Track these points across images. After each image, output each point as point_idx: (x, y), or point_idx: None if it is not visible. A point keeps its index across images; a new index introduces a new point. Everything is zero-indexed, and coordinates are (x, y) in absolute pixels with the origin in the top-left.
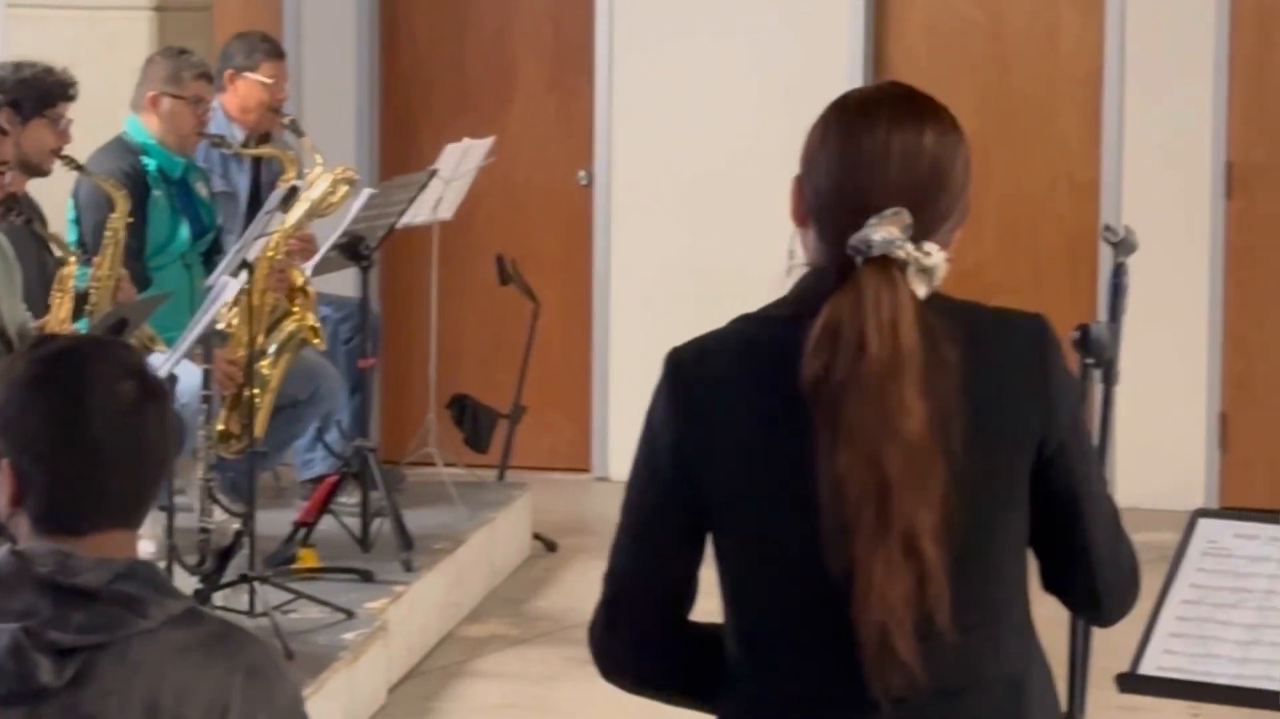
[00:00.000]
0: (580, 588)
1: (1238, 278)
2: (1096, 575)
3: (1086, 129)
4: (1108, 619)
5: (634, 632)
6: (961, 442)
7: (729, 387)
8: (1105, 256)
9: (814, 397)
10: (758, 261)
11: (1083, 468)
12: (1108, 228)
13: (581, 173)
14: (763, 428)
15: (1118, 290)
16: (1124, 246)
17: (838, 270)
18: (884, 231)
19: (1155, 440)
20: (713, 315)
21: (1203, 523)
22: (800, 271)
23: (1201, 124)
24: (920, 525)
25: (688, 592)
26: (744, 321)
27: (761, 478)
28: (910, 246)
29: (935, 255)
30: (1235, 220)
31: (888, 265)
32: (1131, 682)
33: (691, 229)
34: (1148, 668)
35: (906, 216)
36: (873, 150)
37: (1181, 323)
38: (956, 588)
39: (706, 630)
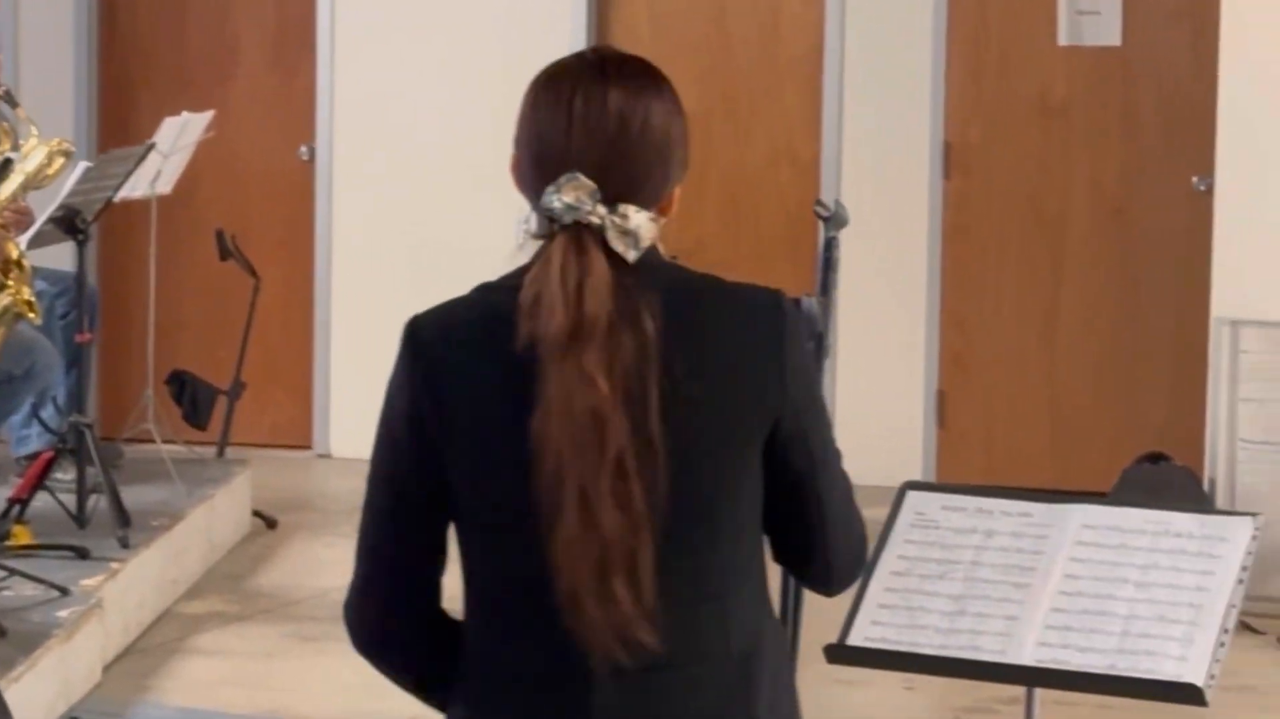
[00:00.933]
0: (300, 565)
1: (955, 257)
2: (831, 549)
3: (807, 107)
4: (836, 590)
5: (385, 607)
6: (669, 409)
7: (465, 354)
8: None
9: (528, 366)
10: (478, 236)
11: (820, 443)
12: (819, 203)
13: (303, 148)
14: (493, 396)
15: (829, 264)
16: (835, 221)
17: (545, 240)
18: (564, 198)
19: (875, 417)
20: (433, 290)
21: (911, 495)
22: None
23: (919, 103)
24: (595, 496)
25: (438, 565)
26: (482, 290)
27: (491, 447)
28: (602, 210)
29: (635, 217)
30: (953, 200)
31: (580, 232)
32: (840, 652)
33: (413, 205)
34: (856, 639)
35: (586, 182)
36: (560, 115)
37: (900, 301)
38: (679, 561)
39: (454, 623)
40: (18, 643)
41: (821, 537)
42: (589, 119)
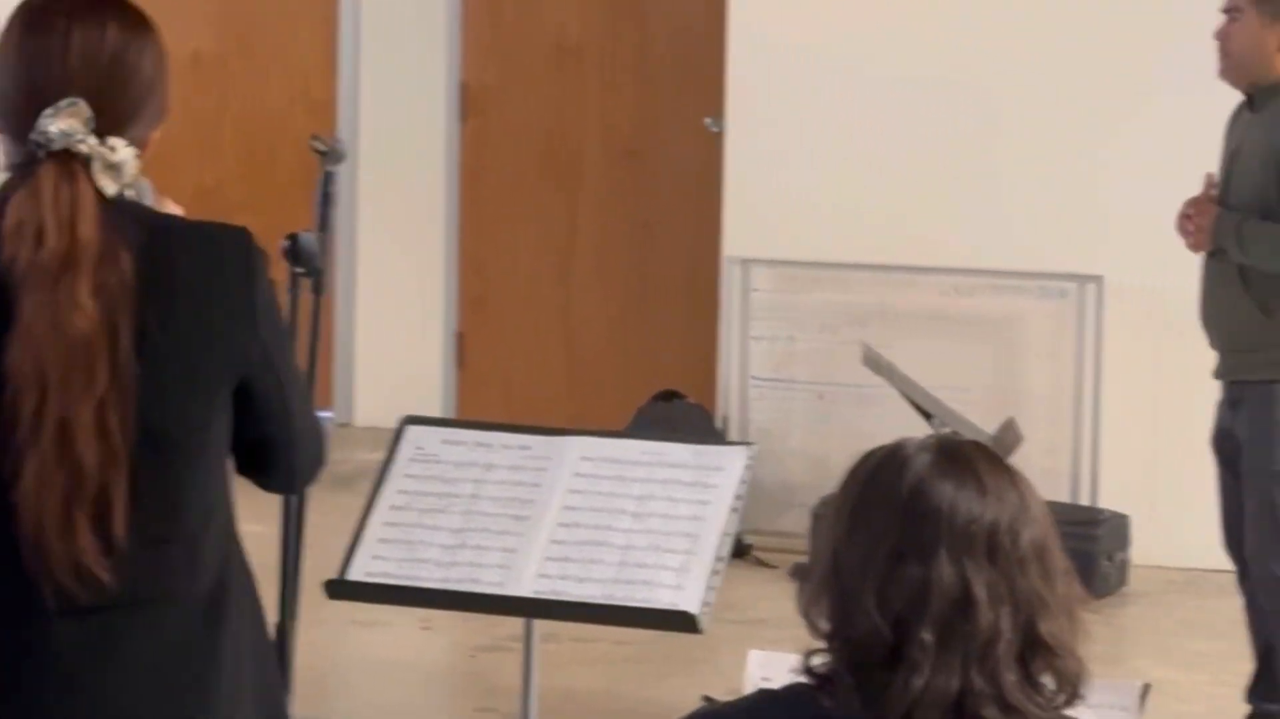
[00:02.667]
0: None
1: (473, 199)
2: (298, 459)
3: (322, 48)
4: (299, 490)
5: None
6: (142, 347)
7: None
8: (342, 176)
9: (5, 291)
10: None
11: (286, 368)
12: (316, 137)
13: None
14: None
15: (327, 200)
16: (331, 156)
17: (28, 164)
18: (61, 124)
19: (393, 359)
20: None
21: (411, 429)
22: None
23: (436, 44)
24: (77, 422)
25: None
26: None
27: None
28: (93, 140)
29: (122, 151)
30: (469, 141)
31: (69, 160)
32: (340, 588)
33: None
34: (356, 574)
35: (85, 109)
36: (51, 45)
37: (420, 243)
38: (149, 500)
39: None
40: None
41: (289, 451)
42: (86, 52)
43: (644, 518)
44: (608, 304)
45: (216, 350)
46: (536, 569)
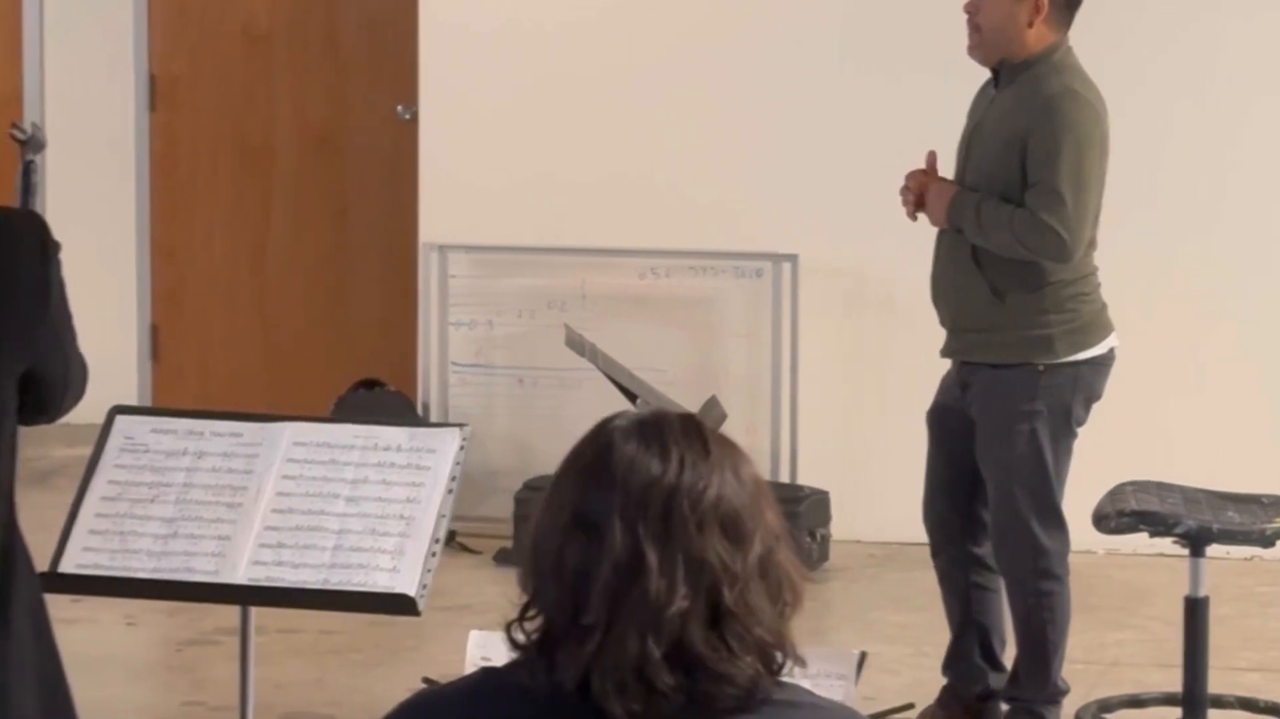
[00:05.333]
0: None
1: (164, 189)
2: (67, 399)
3: (6, 39)
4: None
5: None
6: None
7: None
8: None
9: None
10: None
11: (67, 336)
12: (15, 125)
13: None
14: None
15: (28, 189)
16: (33, 144)
17: None
18: None
19: (88, 353)
20: None
21: (120, 419)
22: None
23: (123, 35)
24: None
25: None
26: None
27: None
28: None
29: None
30: (159, 131)
31: None
32: (52, 581)
33: None
34: (67, 566)
35: None
36: None
37: (110, 235)
38: None
39: None
40: None
41: (61, 395)
42: None
43: (358, 501)
44: (304, 293)
45: (13, 335)
46: (251, 556)
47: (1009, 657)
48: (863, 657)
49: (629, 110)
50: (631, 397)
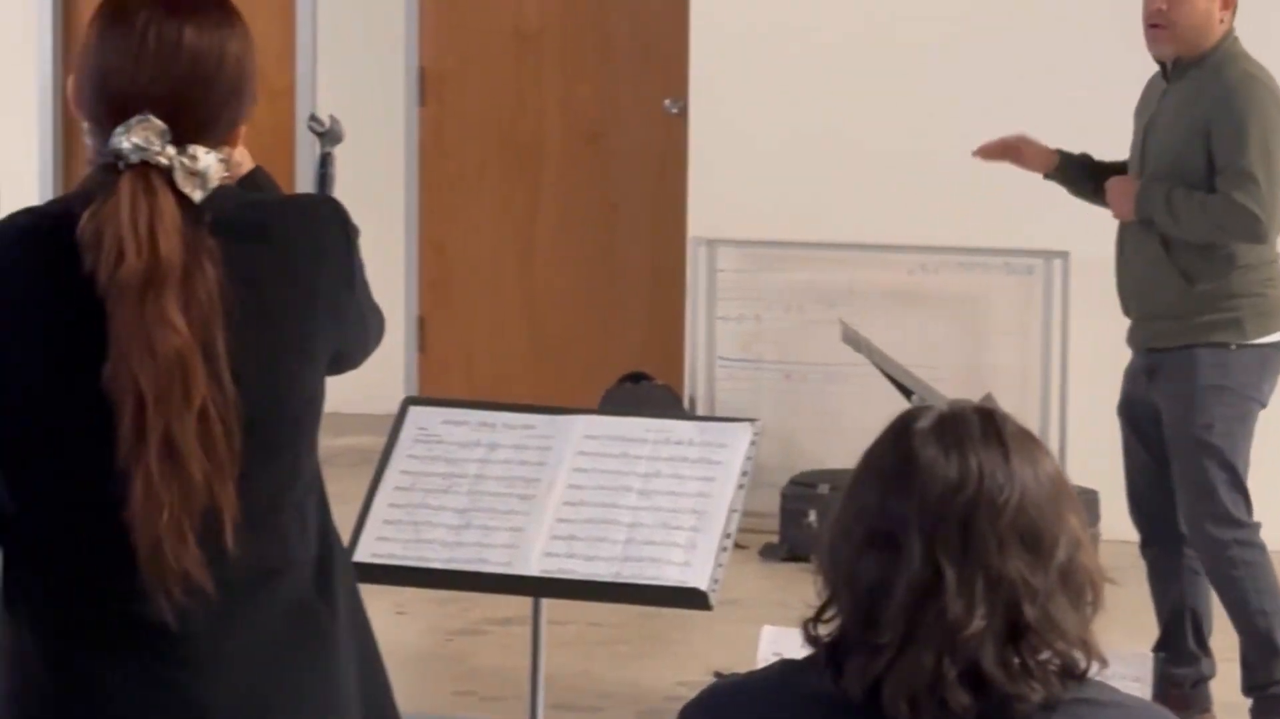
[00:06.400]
0: None
1: (432, 183)
2: (352, 365)
3: (281, 34)
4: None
5: None
6: (240, 355)
7: (18, 277)
8: (305, 162)
9: (89, 300)
10: None
11: (370, 309)
12: (313, 118)
13: None
14: (52, 324)
15: (325, 180)
16: (331, 136)
17: (108, 170)
18: (134, 139)
19: None
20: None
21: (413, 410)
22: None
23: (395, 30)
24: (179, 437)
25: None
26: (26, 213)
27: (54, 373)
28: (171, 151)
29: (204, 159)
30: (429, 126)
31: (148, 172)
32: None
33: None
34: (363, 555)
35: (157, 123)
36: (128, 50)
37: (379, 227)
38: (263, 475)
39: None
40: None
41: (362, 360)
42: (161, 57)
43: (650, 495)
44: (572, 287)
45: (322, 320)
46: (543, 548)
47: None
48: (1159, 659)
49: (899, 105)
50: (907, 393)
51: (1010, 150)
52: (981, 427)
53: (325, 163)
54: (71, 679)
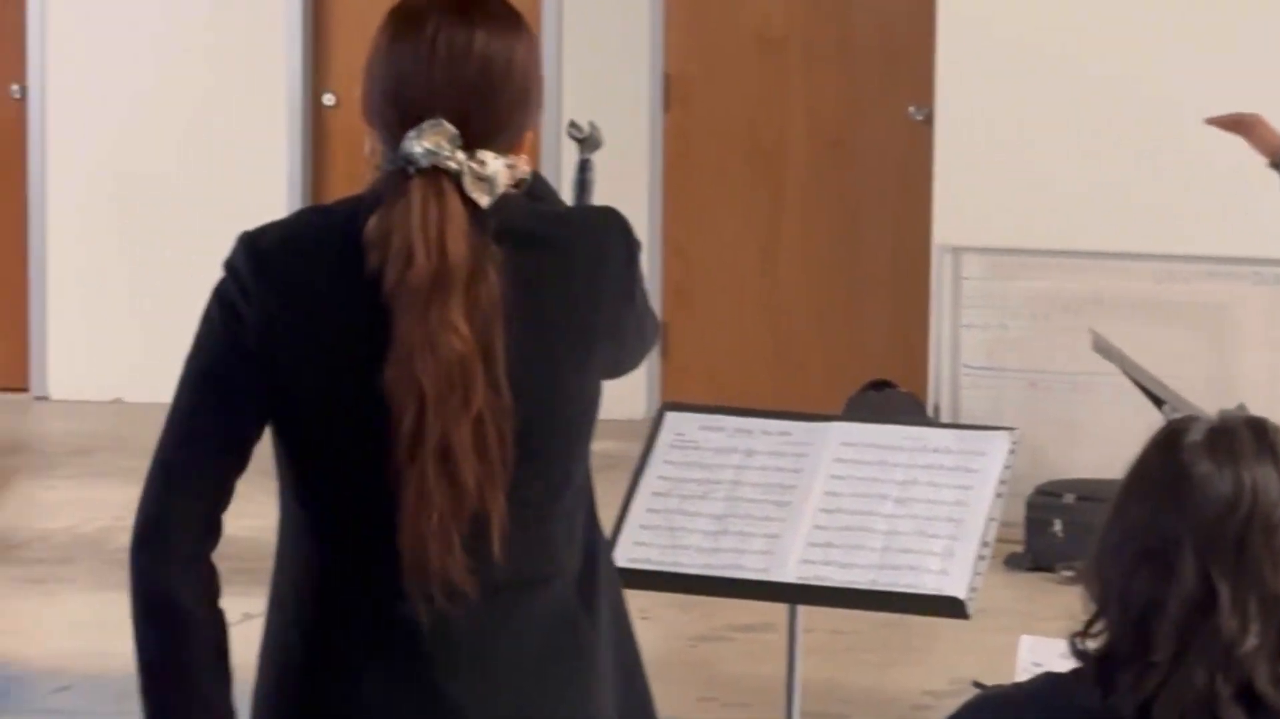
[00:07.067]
0: (22, 508)
1: (676, 189)
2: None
3: None
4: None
5: (182, 531)
6: (518, 363)
7: (307, 274)
8: (549, 167)
9: (375, 300)
10: (193, 175)
11: (648, 316)
12: (573, 124)
13: (15, 86)
14: (336, 323)
15: (584, 186)
16: (590, 142)
17: (397, 175)
18: (426, 143)
19: None
20: (148, 229)
21: (670, 416)
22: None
23: (639, 35)
24: (455, 442)
25: (231, 494)
26: (314, 212)
27: (335, 372)
28: (461, 156)
29: (493, 163)
30: (673, 131)
31: (438, 176)
32: None
33: (128, 143)
34: (620, 560)
35: (449, 127)
36: (419, 56)
37: None
38: (534, 482)
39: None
40: None
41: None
42: (452, 62)
43: (907, 503)
44: (814, 293)
45: (600, 333)
46: (800, 555)
47: None
48: None
49: (1149, 112)
50: (1159, 402)
51: (1243, 125)
52: (1255, 440)
53: (584, 169)
54: (329, 677)
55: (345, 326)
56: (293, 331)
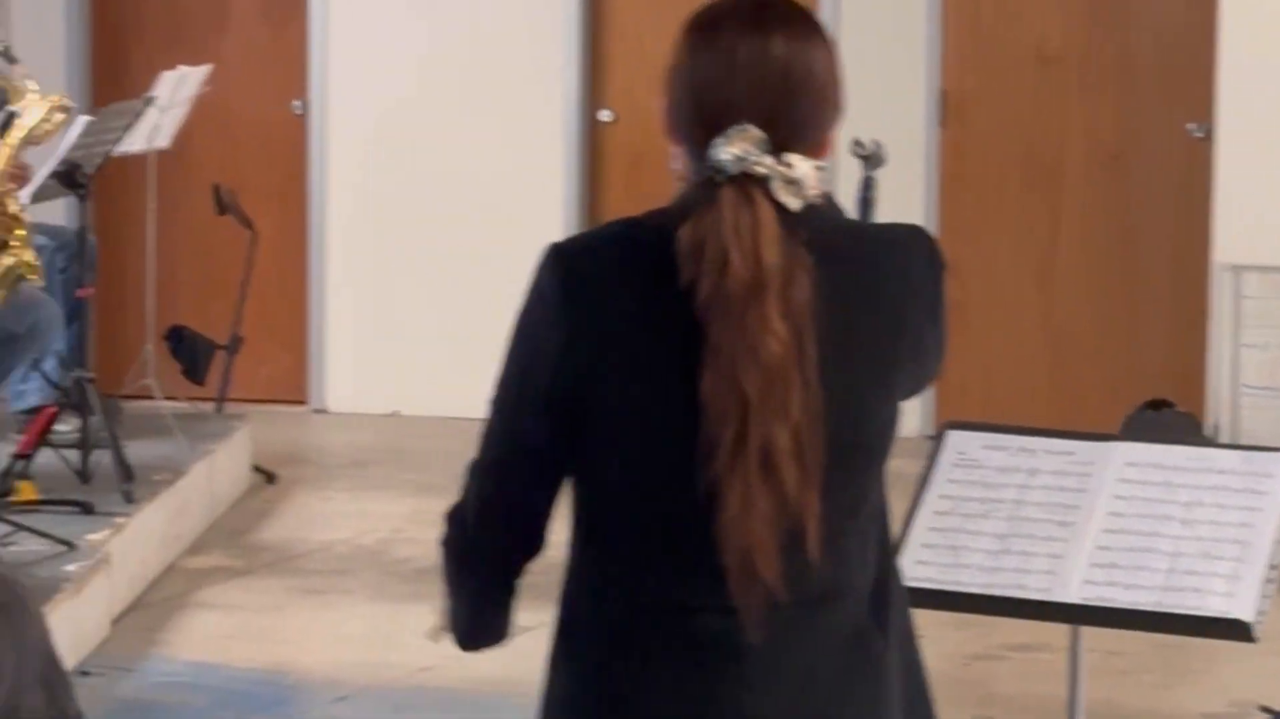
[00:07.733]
0: (301, 519)
1: (952, 205)
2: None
3: None
4: None
5: (509, 514)
6: (834, 359)
7: (616, 286)
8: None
9: (688, 310)
10: (470, 190)
11: (945, 337)
12: (857, 142)
13: (296, 102)
14: (646, 335)
15: (867, 204)
16: (873, 160)
17: (705, 185)
18: (733, 150)
19: None
20: (425, 244)
21: (953, 434)
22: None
23: (916, 52)
24: (777, 446)
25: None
26: (624, 225)
27: (646, 384)
28: (769, 160)
29: (800, 166)
30: (949, 148)
31: (747, 182)
32: None
33: (404, 159)
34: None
35: (755, 132)
36: (722, 65)
37: None
38: (833, 499)
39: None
40: None
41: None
42: (753, 69)
43: (1192, 524)
44: (1092, 311)
45: (904, 353)
46: (1083, 575)
47: None
48: None
49: None
50: None
51: None
52: None
53: (868, 186)
54: (623, 687)
55: (656, 337)
56: (603, 345)
